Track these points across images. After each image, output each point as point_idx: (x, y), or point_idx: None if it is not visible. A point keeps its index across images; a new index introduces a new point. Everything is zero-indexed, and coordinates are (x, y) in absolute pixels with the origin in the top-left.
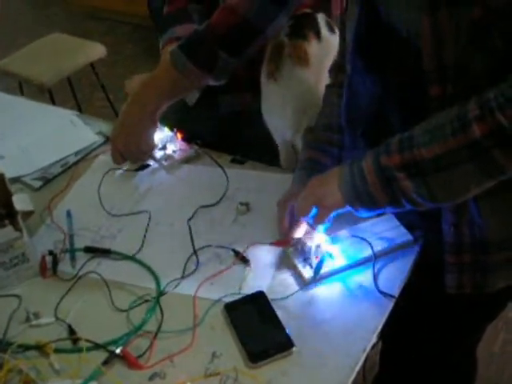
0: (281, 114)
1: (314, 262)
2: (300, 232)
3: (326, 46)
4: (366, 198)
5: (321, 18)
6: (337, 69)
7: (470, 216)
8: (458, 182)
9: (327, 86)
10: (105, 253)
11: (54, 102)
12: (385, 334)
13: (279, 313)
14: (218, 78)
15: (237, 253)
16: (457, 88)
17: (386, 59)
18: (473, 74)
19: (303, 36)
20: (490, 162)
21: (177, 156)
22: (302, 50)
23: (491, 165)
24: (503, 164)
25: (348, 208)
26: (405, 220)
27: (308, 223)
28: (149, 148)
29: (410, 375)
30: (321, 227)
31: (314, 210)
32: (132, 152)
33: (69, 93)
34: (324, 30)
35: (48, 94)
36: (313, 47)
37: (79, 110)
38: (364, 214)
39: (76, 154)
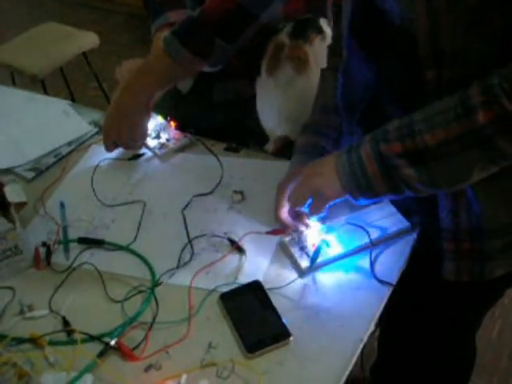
0: (269, 111)
1: (311, 250)
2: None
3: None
4: (366, 188)
5: (322, 21)
6: (331, 52)
7: (467, 202)
8: (461, 168)
9: (322, 70)
10: (99, 243)
11: (46, 92)
12: (382, 322)
13: (276, 302)
14: (213, 65)
15: (232, 242)
16: (453, 74)
17: (381, 45)
18: (470, 60)
19: (305, 37)
20: (494, 149)
21: (171, 144)
22: (302, 51)
23: (495, 151)
24: (506, 150)
25: (346, 197)
26: (402, 206)
27: (304, 213)
28: (142, 136)
29: (408, 363)
30: (316, 217)
31: (309, 200)
32: (125, 141)
33: (62, 83)
34: (327, 29)
35: (41, 84)
36: (315, 47)
37: (72, 99)
38: (363, 202)
39: (69, 144)
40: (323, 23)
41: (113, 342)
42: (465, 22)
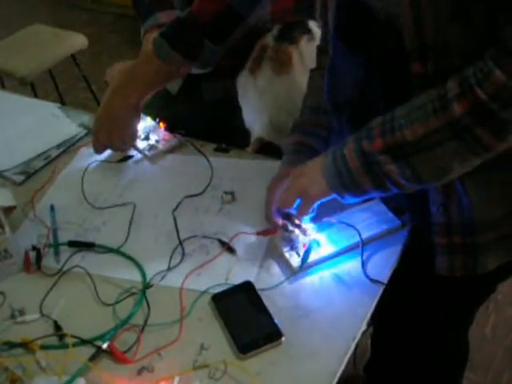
0: (248, 111)
1: (302, 250)
2: (286, 220)
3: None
4: (351, 186)
5: (312, 24)
6: (320, 52)
7: (457, 196)
8: (443, 161)
9: (311, 70)
10: (89, 246)
11: (36, 95)
12: (375, 321)
13: (267, 303)
14: (203, 67)
15: (223, 243)
16: (438, 66)
17: (367, 41)
18: (454, 52)
19: (291, 39)
20: (473, 139)
21: (160, 146)
22: (286, 54)
23: (474, 142)
24: (485, 140)
25: (333, 196)
26: (392, 203)
27: (293, 214)
28: (132, 138)
29: (402, 360)
30: (306, 217)
31: (297, 201)
32: (115, 143)
33: (51, 85)
34: (315, 29)
35: (30, 87)
36: (301, 47)
37: (62, 102)
38: (350, 200)
39: (58, 146)
40: (313, 25)
41: (105, 346)
42: (448, 13)
